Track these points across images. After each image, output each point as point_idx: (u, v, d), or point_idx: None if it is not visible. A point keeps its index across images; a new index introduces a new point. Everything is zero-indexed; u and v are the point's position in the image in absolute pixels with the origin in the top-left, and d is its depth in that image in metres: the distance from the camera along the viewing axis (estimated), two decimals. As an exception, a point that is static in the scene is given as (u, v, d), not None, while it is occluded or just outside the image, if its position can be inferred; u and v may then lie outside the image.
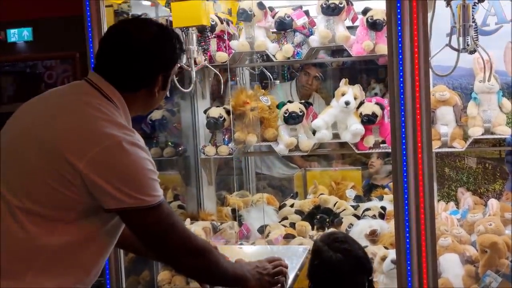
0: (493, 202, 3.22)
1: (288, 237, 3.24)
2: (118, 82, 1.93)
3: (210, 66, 3.44)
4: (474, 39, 2.65)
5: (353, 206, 3.75)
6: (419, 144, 2.42)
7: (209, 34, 3.42)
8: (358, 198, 3.97)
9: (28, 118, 1.92)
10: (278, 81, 5.37)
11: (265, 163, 4.90)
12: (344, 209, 3.65)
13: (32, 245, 1.81)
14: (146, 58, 1.93)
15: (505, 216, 3.21)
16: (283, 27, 3.45)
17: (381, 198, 3.92)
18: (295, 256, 2.58)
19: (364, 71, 5.52)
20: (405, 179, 2.43)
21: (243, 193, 4.21)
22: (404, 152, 2.42)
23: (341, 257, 2.20)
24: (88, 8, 2.67)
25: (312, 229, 3.44)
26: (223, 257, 2.07)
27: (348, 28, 3.50)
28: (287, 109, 3.45)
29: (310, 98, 4.66)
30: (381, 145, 3.44)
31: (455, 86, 3.43)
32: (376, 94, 5.05)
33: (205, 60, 3.41)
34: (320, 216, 3.51)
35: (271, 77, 4.32)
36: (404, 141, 2.41)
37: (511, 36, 3.31)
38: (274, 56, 3.49)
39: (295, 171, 4.84)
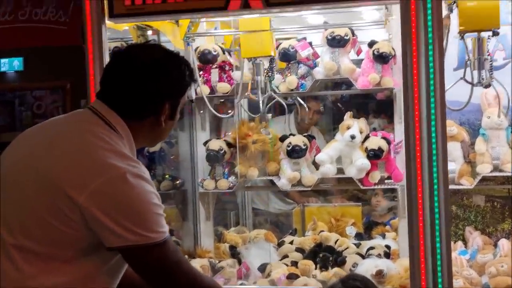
0: (503, 243, 3.11)
1: (291, 277, 3.09)
2: (122, 109, 1.82)
3: (275, 95, 3.38)
4: (490, 72, 2.57)
5: (354, 244, 3.62)
6: (435, 182, 2.31)
7: (274, 65, 3.36)
8: (359, 236, 3.85)
9: (26, 148, 1.79)
10: (270, 115, 5.27)
11: (261, 198, 4.77)
12: (347, 248, 3.52)
13: (26, 286, 1.67)
14: (150, 83, 1.83)
15: (516, 257, 3.10)
16: (287, 59, 3.37)
17: (383, 236, 3.81)
18: (303, 299, 2.44)
19: (363, 106, 5.44)
20: (421, 218, 2.31)
21: (240, 229, 4.08)
22: (420, 189, 2.30)
23: None
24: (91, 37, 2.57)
25: (315, 268, 3.29)
26: None
27: (352, 60, 3.43)
28: (290, 142, 3.34)
29: (309, 132, 4.56)
30: (386, 181, 3.33)
31: (462, 122, 3.35)
32: (375, 129, 4.96)
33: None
34: (323, 254, 3.37)
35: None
36: (420, 178, 2.30)
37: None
38: (277, 87, 3.40)
39: (291, 206, 4.72)
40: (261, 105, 3.25)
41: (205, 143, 3.50)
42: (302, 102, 3.71)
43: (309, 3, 2.49)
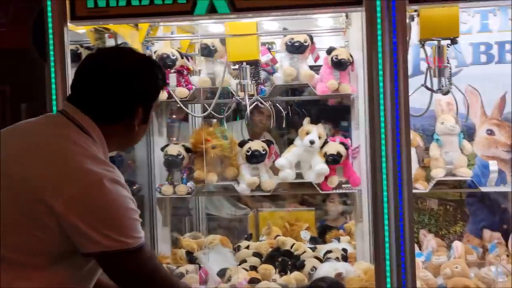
0: (457, 245, 3.22)
1: (253, 281, 3.10)
2: (95, 113, 1.79)
3: (261, 100, 3.31)
4: (449, 80, 2.65)
5: (310, 248, 3.67)
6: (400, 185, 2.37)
7: (259, 69, 3.30)
8: (313, 240, 3.90)
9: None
10: (215, 120, 5.26)
11: (214, 204, 4.76)
12: (304, 252, 3.56)
13: None
14: (123, 86, 1.80)
15: (468, 258, 3.20)
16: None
17: (337, 240, 3.86)
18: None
19: (313, 112, 5.50)
20: (386, 221, 2.36)
21: (196, 235, 4.06)
22: (385, 194, 2.36)
23: None
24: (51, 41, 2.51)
25: (274, 272, 3.31)
26: None
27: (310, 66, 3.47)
28: (249, 148, 3.35)
29: (260, 137, 4.57)
30: (343, 185, 3.39)
31: (416, 128, 3.44)
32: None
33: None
34: (281, 259, 3.39)
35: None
36: (385, 182, 2.35)
37: (470, 79, 3.38)
38: (237, 92, 3.40)
39: (244, 211, 4.72)
40: (248, 108, 3.24)
41: (163, 148, 3.46)
42: (280, 107, 3.70)
43: (275, 9, 2.51)
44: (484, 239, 3.42)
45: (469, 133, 3.40)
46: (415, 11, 2.58)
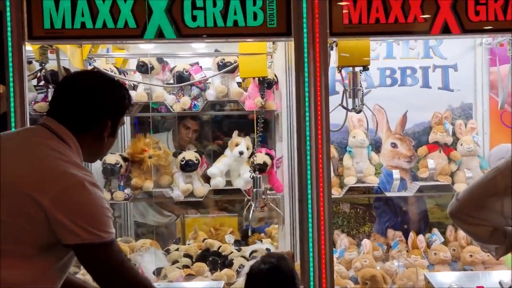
0: (366, 242, 3.69)
1: (189, 277, 3.42)
2: (71, 124, 2.08)
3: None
4: (362, 100, 3.10)
5: (236, 250, 4.02)
6: (321, 190, 2.78)
7: (266, 84, 3.62)
8: (237, 243, 4.25)
9: None
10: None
11: (138, 210, 4.97)
12: (231, 252, 3.91)
13: None
14: (95, 102, 2.10)
15: (375, 254, 3.67)
16: (182, 81, 3.71)
17: (260, 242, 4.24)
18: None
19: (234, 125, 5.84)
20: (310, 222, 2.76)
21: (127, 239, 4.31)
22: (310, 197, 2.75)
23: (265, 267, 2.41)
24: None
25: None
26: None
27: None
28: (184, 157, 3.68)
29: (186, 149, 4.87)
30: (268, 191, 3.77)
31: (332, 140, 3.87)
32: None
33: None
34: (212, 258, 3.73)
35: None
36: (309, 187, 2.75)
37: (377, 99, 3.87)
38: (171, 107, 3.72)
39: (168, 218, 4.99)
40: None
41: (101, 158, 3.70)
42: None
43: (216, 37, 2.84)
44: (388, 237, 3.92)
45: (376, 146, 3.90)
46: (334, 41, 3.00)
